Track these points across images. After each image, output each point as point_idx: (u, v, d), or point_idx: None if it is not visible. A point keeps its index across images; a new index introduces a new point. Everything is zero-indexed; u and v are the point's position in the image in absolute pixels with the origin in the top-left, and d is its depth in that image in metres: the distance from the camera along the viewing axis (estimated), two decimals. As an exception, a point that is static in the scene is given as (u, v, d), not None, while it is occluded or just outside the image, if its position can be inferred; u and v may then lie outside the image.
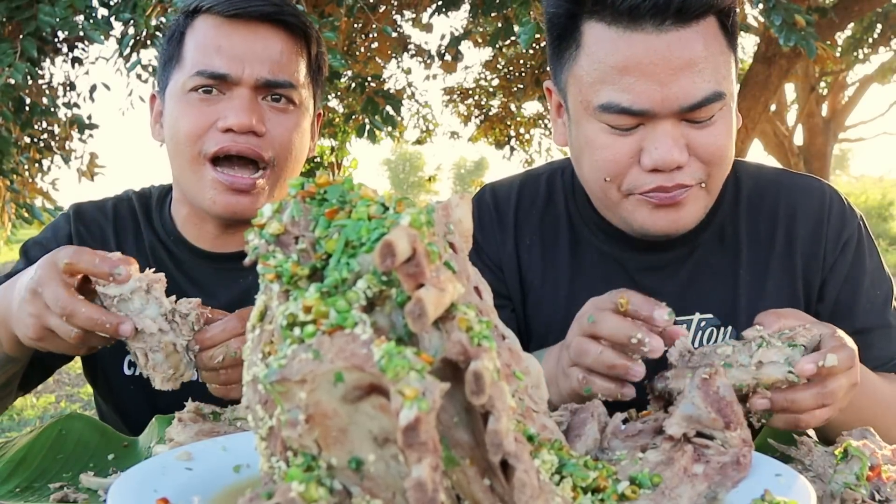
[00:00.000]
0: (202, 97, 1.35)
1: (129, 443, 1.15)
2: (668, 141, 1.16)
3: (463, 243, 0.71)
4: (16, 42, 3.61)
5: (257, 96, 1.37)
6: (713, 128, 1.19)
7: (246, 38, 1.36)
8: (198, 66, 1.35)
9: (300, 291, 0.63)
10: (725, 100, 1.19)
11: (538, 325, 1.40)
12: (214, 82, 1.35)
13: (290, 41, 1.40)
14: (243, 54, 1.35)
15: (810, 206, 1.35)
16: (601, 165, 1.22)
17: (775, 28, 3.34)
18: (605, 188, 1.25)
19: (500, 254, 1.42)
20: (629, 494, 0.74)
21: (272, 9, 1.38)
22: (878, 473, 0.86)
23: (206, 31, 1.37)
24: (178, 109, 1.37)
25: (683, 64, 1.14)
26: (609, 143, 1.20)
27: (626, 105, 1.16)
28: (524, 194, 1.45)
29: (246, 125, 1.33)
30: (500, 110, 9.90)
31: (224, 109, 1.34)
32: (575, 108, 1.25)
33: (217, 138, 1.34)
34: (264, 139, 1.36)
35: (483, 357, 0.57)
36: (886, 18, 8.40)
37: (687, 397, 0.83)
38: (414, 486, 0.52)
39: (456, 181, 75.57)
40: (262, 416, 0.66)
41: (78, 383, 6.25)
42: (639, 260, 1.36)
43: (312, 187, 0.69)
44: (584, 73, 1.20)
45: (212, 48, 1.36)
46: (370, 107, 4.15)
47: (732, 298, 1.33)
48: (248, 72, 1.35)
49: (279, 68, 1.37)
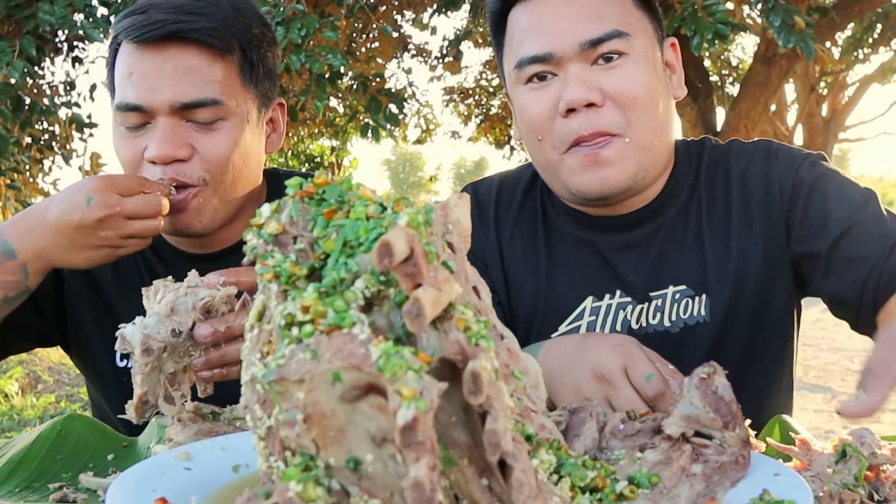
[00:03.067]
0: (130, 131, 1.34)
1: (129, 443, 1.15)
2: (575, 80, 1.25)
3: (461, 243, 0.71)
4: (15, 41, 3.61)
5: (181, 120, 1.32)
6: (623, 69, 1.26)
7: (154, 63, 1.30)
8: (117, 99, 1.34)
9: (298, 291, 0.63)
10: (630, 42, 1.27)
11: (521, 315, 1.43)
12: (133, 114, 1.32)
13: (204, 55, 1.32)
14: (153, 81, 1.30)
15: (758, 163, 1.39)
16: (531, 125, 1.31)
17: (774, 29, 3.34)
18: (542, 150, 1.32)
19: (484, 248, 1.46)
20: (627, 494, 0.74)
21: (176, 27, 1.29)
22: (877, 473, 0.86)
23: (123, 60, 1.34)
24: (115, 140, 1.38)
25: (586, 13, 1.26)
26: (531, 100, 1.30)
27: (534, 53, 1.27)
28: (503, 189, 1.51)
29: (167, 156, 1.30)
30: (500, 110, 9.91)
31: (148, 139, 1.32)
32: (510, 87, 1.36)
33: (149, 171, 1.32)
34: (192, 163, 1.33)
35: (481, 357, 0.57)
36: (886, 18, 8.39)
37: (685, 397, 0.83)
38: (412, 486, 0.52)
39: (456, 181, 75.60)
40: (260, 416, 0.66)
41: (78, 383, 6.25)
42: (610, 240, 1.39)
43: (311, 187, 0.69)
44: (508, 51, 1.34)
45: (125, 78, 1.33)
46: (373, 105, 4.16)
47: (702, 267, 1.36)
48: (159, 99, 1.30)
49: (195, 87, 1.31)
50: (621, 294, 1.37)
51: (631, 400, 1.02)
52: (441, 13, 5.36)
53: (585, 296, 1.39)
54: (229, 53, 1.35)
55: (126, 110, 1.32)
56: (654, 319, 1.36)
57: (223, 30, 1.33)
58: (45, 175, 5.66)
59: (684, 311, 1.35)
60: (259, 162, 1.47)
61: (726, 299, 1.34)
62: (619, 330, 1.36)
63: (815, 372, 7.01)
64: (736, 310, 1.34)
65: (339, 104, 7.83)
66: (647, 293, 1.36)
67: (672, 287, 1.36)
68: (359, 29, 6.14)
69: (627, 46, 1.26)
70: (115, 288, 1.49)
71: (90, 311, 1.49)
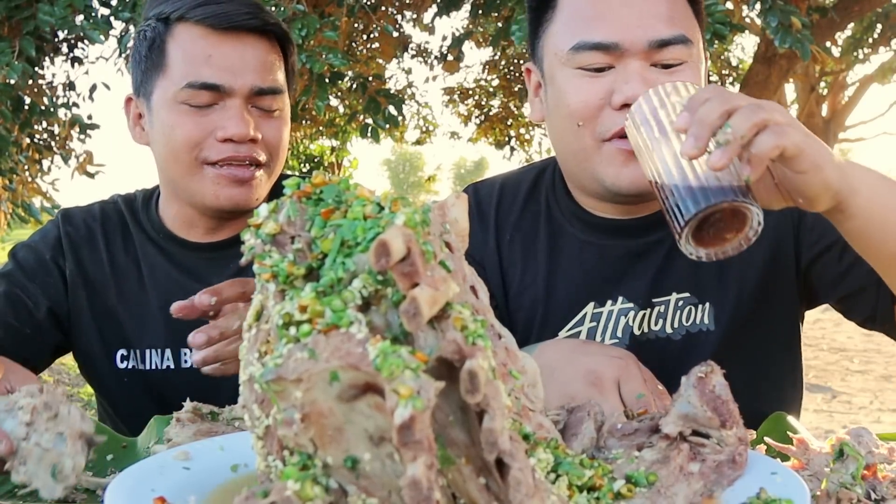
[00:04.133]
0: (195, 109, 1.39)
1: (128, 443, 1.15)
2: (638, 78, 1.21)
3: (459, 243, 0.72)
4: (14, 41, 3.61)
5: (248, 104, 1.41)
6: (681, 76, 1.23)
7: (235, 49, 1.40)
8: (188, 77, 1.38)
9: (296, 291, 0.63)
10: (691, 50, 1.25)
11: (520, 319, 1.42)
12: (206, 93, 1.38)
13: (273, 50, 1.45)
14: (233, 65, 1.39)
15: None
16: (574, 110, 1.27)
17: (771, 29, 3.34)
18: (579, 137, 1.28)
19: (482, 251, 1.45)
20: (625, 493, 0.74)
21: (258, 21, 1.42)
22: (874, 472, 0.87)
23: (193, 42, 1.40)
24: (171, 118, 1.40)
25: (657, 11, 1.23)
26: (581, 86, 1.26)
27: (598, 40, 1.23)
28: (505, 192, 1.49)
29: (245, 135, 1.39)
30: (501, 110, 9.90)
31: (220, 119, 1.39)
32: (550, 66, 1.32)
33: (217, 148, 1.39)
34: (258, 144, 1.42)
35: (478, 356, 0.57)
36: (886, 18, 8.38)
37: (683, 396, 0.83)
38: (409, 485, 0.53)
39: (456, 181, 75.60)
40: (258, 416, 0.66)
41: (78, 383, 6.25)
42: (616, 245, 1.38)
43: (308, 187, 0.69)
44: (558, 29, 1.29)
45: (201, 59, 1.39)
46: (372, 106, 4.16)
47: (705, 275, 1.35)
48: (240, 82, 1.39)
49: (267, 76, 1.42)
50: (623, 300, 1.36)
51: (614, 409, 1.02)
52: (442, 15, 5.36)
53: (587, 301, 1.38)
54: (287, 51, 1.49)
55: (201, 88, 1.38)
56: (657, 326, 1.35)
57: (286, 32, 1.48)
58: (45, 175, 5.66)
59: (687, 318, 1.35)
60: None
61: (730, 308, 1.34)
62: (620, 336, 1.36)
63: (815, 372, 7.01)
64: (739, 318, 1.34)
65: (339, 104, 7.83)
66: (649, 299, 1.36)
67: (675, 294, 1.35)
68: (359, 29, 6.15)
69: (688, 54, 1.25)
70: (113, 286, 1.49)
71: (90, 312, 1.49)
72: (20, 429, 0.94)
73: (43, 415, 0.95)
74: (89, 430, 0.96)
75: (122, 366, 1.47)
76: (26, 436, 0.93)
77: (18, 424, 0.94)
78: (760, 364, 1.37)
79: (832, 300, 1.34)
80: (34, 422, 0.94)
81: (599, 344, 1.31)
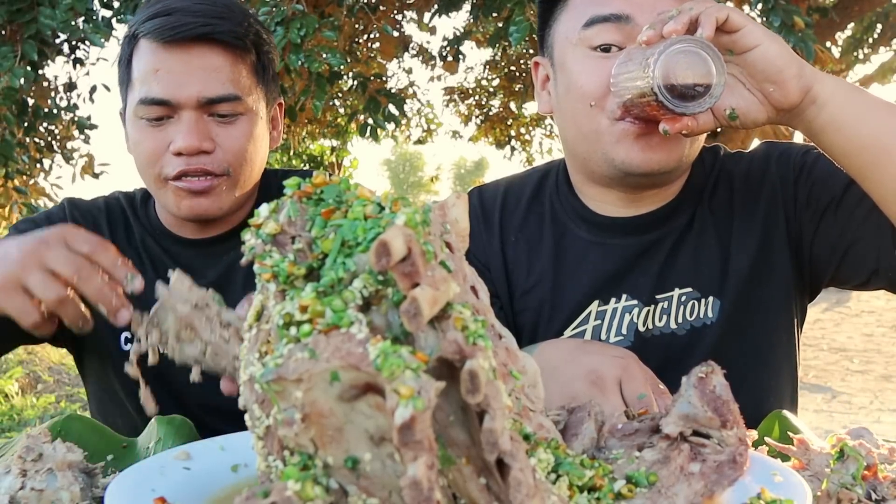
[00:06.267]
0: (151, 124, 1.40)
1: (128, 443, 1.15)
2: None
3: (459, 243, 0.71)
4: (16, 45, 3.61)
5: (203, 114, 1.40)
6: None
7: (181, 61, 1.39)
8: (140, 94, 1.40)
9: (296, 291, 0.63)
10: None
11: (526, 320, 1.43)
12: (157, 107, 1.39)
13: (227, 54, 1.42)
14: (178, 78, 1.38)
15: (761, 165, 1.40)
16: (586, 90, 1.29)
17: (773, 29, 3.34)
18: (592, 116, 1.29)
19: (487, 253, 1.46)
20: (625, 493, 0.74)
21: (205, 29, 1.39)
22: (875, 473, 0.87)
23: (146, 57, 1.41)
24: (134, 134, 1.44)
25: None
26: (595, 65, 1.28)
27: (610, 11, 1.26)
28: (509, 195, 1.50)
29: (194, 147, 1.38)
30: (501, 110, 9.89)
31: (173, 133, 1.40)
32: (561, 51, 1.34)
33: (173, 162, 1.40)
34: (215, 155, 1.41)
35: (478, 356, 0.57)
36: (886, 18, 8.38)
37: (683, 396, 0.83)
38: (410, 485, 0.53)
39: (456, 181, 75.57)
40: (258, 416, 0.66)
41: (78, 383, 6.25)
42: (621, 244, 1.39)
43: (309, 187, 0.69)
44: (570, 14, 1.32)
45: (150, 74, 1.40)
46: (372, 106, 4.17)
47: (707, 270, 1.37)
48: (187, 93, 1.38)
49: (219, 84, 1.40)
50: (627, 297, 1.37)
51: (616, 409, 1.02)
52: (441, 14, 5.36)
53: (591, 300, 1.39)
54: (247, 54, 1.45)
55: (151, 104, 1.39)
56: (661, 322, 1.36)
57: (243, 33, 1.44)
58: (47, 175, 5.66)
59: (690, 313, 1.36)
60: (265, 156, 1.54)
61: (732, 301, 1.35)
62: (624, 333, 1.37)
63: (815, 372, 7.01)
64: (741, 311, 1.35)
65: (339, 105, 7.83)
66: (653, 296, 1.37)
67: (678, 290, 1.36)
68: (359, 30, 6.14)
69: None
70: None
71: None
72: (17, 481, 0.95)
73: (28, 459, 0.97)
74: (77, 458, 0.97)
75: (127, 348, 1.48)
76: (22, 485, 0.94)
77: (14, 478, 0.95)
78: (761, 355, 1.38)
79: (834, 266, 1.35)
80: (27, 470, 0.96)
81: (600, 343, 1.32)
